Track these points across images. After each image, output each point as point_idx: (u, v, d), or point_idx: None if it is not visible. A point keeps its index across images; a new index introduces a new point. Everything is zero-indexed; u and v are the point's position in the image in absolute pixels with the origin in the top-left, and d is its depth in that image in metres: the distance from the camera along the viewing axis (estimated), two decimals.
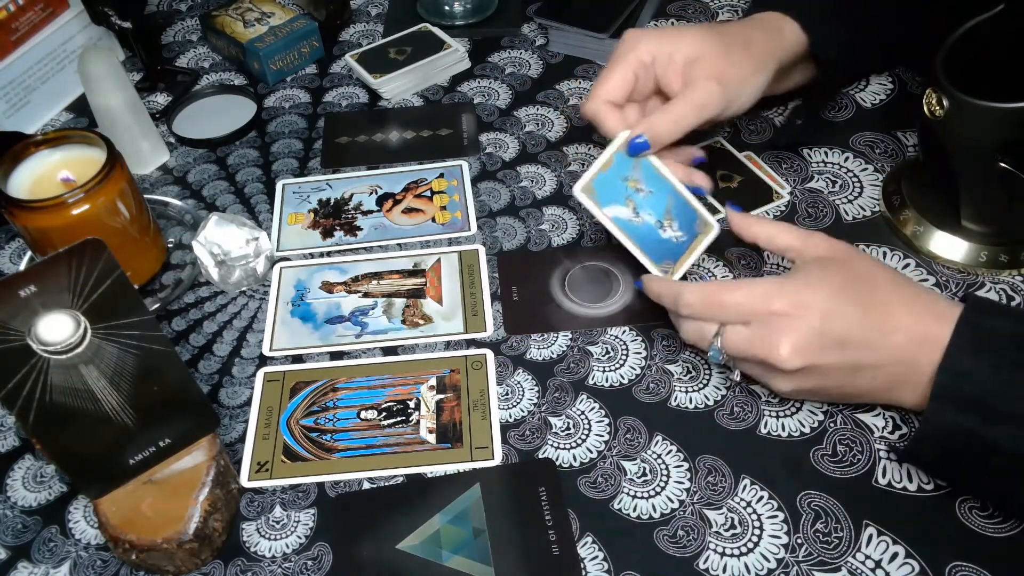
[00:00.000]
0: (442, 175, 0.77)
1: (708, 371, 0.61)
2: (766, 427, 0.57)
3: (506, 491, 0.55)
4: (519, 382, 0.61)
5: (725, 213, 0.62)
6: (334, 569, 0.53)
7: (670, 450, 0.57)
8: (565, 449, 0.57)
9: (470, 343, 0.64)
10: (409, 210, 0.74)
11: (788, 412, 0.58)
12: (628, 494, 0.55)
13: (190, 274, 0.71)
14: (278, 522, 0.55)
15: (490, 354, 0.63)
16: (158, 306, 0.68)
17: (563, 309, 0.66)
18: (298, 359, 0.64)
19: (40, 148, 0.66)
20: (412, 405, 0.60)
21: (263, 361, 0.64)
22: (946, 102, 0.58)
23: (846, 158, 0.74)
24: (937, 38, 0.60)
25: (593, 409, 0.59)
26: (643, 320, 0.64)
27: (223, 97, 0.88)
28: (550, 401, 0.60)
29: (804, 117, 0.74)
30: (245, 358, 0.65)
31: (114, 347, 0.48)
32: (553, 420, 0.59)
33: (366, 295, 0.68)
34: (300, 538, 0.54)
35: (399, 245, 0.72)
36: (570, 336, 0.64)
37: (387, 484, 0.56)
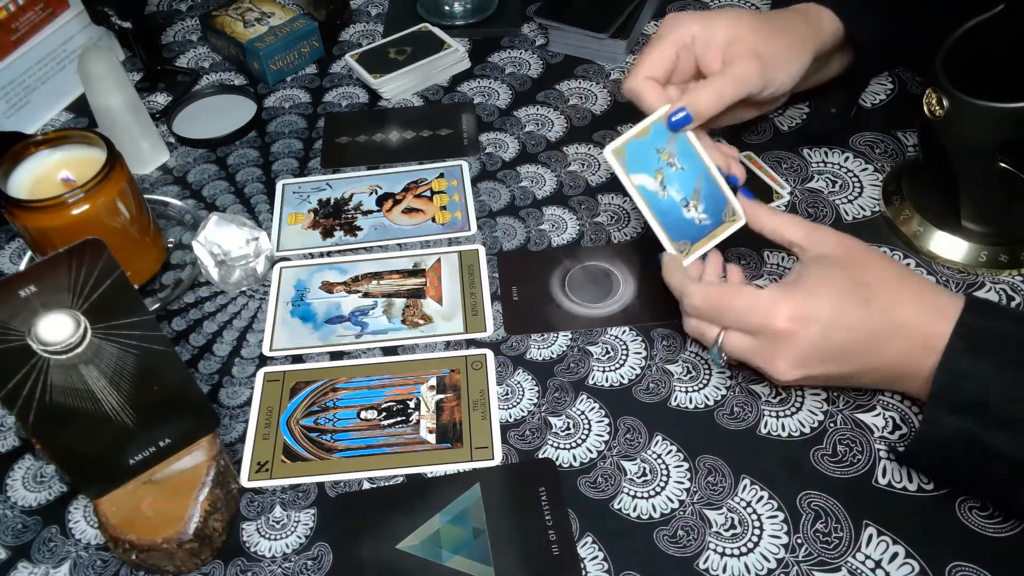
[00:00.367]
0: (442, 175, 0.77)
1: (708, 371, 0.61)
2: (766, 427, 0.57)
3: (506, 491, 0.55)
4: (519, 382, 0.61)
5: (736, 198, 0.62)
6: (334, 569, 0.53)
7: (670, 450, 0.57)
8: (565, 449, 0.57)
9: (470, 343, 0.64)
10: (409, 210, 0.74)
11: (788, 412, 0.58)
12: (628, 494, 0.55)
13: (190, 274, 0.71)
14: (278, 522, 0.55)
15: (490, 354, 0.63)
16: (158, 306, 0.68)
17: (563, 309, 0.66)
18: (298, 359, 0.64)
19: (40, 148, 0.66)
20: (412, 405, 0.60)
21: (263, 361, 0.64)
22: (946, 102, 0.58)
23: (846, 158, 0.74)
24: (937, 38, 0.60)
25: (593, 409, 0.59)
26: (643, 320, 0.64)
27: (223, 97, 0.88)
28: (550, 401, 0.60)
29: (838, 106, 0.75)
30: (245, 358, 0.65)
31: (114, 347, 0.48)
32: (553, 420, 0.59)
33: (366, 295, 0.68)
34: (300, 538, 0.54)
35: (399, 245, 0.72)
36: (570, 336, 0.64)
37: (387, 484, 0.56)
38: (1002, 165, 0.66)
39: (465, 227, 0.72)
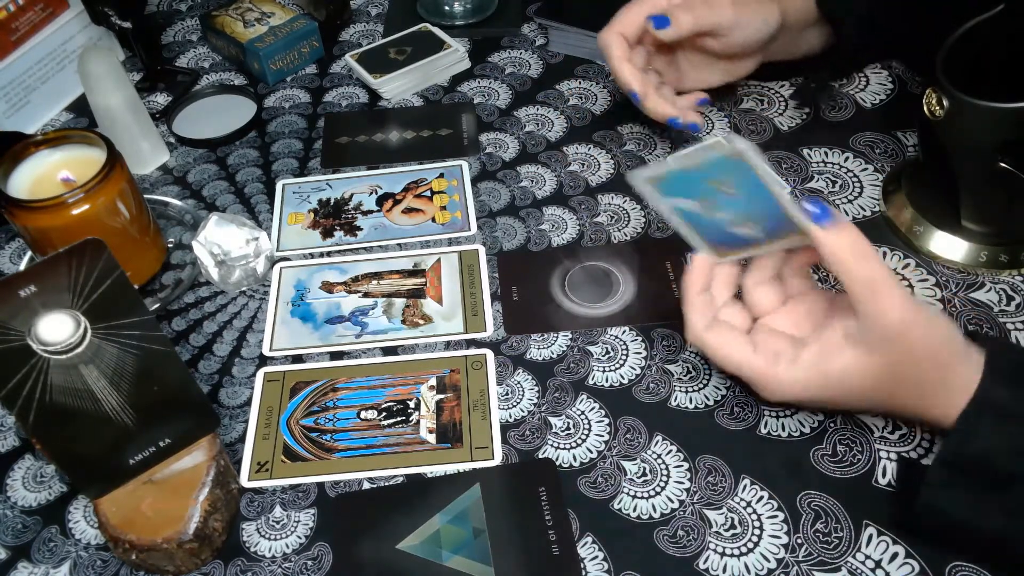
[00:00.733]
0: (442, 175, 0.77)
1: (708, 371, 0.61)
2: (766, 427, 0.57)
3: (506, 491, 0.55)
4: (519, 382, 0.61)
5: (809, 213, 0.49)
6: (334, 569, 0.53)
7: (670, 450, 0.57)
8: (565, 449, 0.57)
9: (470, 343, 0.64)
10: (409, 210, 0.74)
11: (788, 412, 0.58)
12: (628, 494, 0.55)
13: (190, 274, 0.71)
14: (278, 522, 0.55)
15: (490, 354, 0.63)
16: (158, 306, 0.68)
17: (563, 309, 0.66)
18: (298, 359, 0.64)
19: (40, 148, 0.66)
20: (412, 405, 0.60)
21: (263, 361, 0.64)
22: (946, 102, 0.58)
23: (846, 158, 0.74)
24: (937, 38, 0.60)
25: (593, 409, 0.59)
26: (643, 320, 0.64)
27: (223, 97, 0.88)
28: (550, 401, 0.60)
29: (816, 82, 0.75)
30: (245, 358, 0.65)
31: (114, 347, 0.48)
32: (553, 420, 0.59)
33: (366, 295, 0.68)
34: (300, 538, 0.54)
35: (399, 245, 0.72)
36: (570, 336, 0.64)
37: (387, 484, 0.56)
38: (1002, 165, 0.66)
39: (465, 227, 0.72)
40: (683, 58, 0.74)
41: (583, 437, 0.58)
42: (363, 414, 0.60)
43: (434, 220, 0.73)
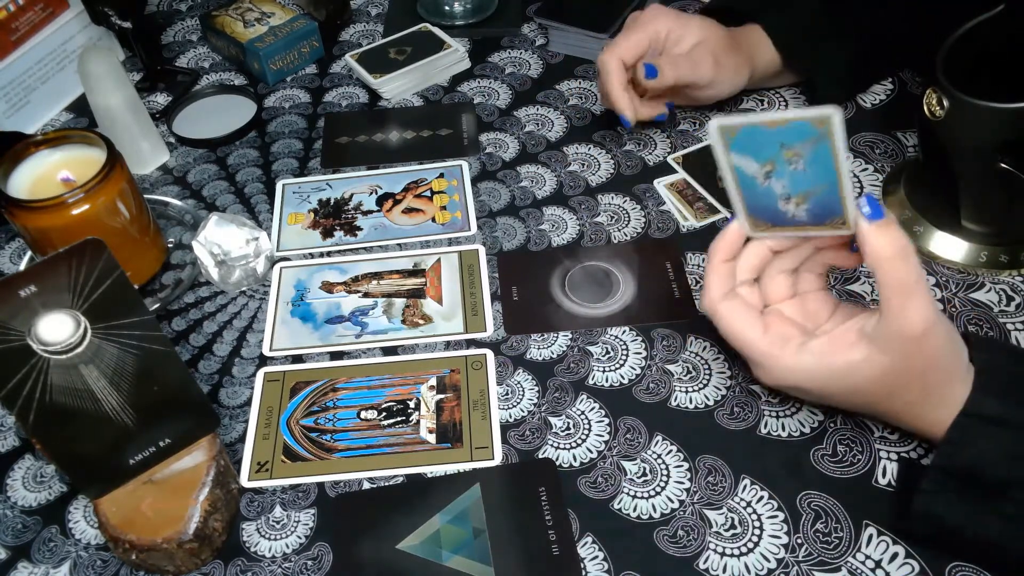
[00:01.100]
0: (442, 175, 0.77)
1: (708, 371, 0.61)
2: (766, 427, 0.57)
3: (506, 491, 0.55)
4: (519, 382, 0.61)
5: (857, 208, 0.49)
6: (334, 569, 0.53)
7: (670, 450, 0.57)
8: (565, 449, 0.57)
9: (470, 343, 0.64)
10: (409, 210, 0.74)
11: (788, 412, 0.58)
12: (628, 494, 0.55)
13: (190, 274, 0.71)
14: (278, 522, 0.55)
15: (490, 354, 0.63)
16: (158, 306, 0.68)
17: (563, 309, 0.66)
18: (298, 359, 0.64)
19: (40, 148, 0.66)
20: (412, 405, 0.60)
21: (263, 361, 0.64)
22: (946, 102, 0.58)
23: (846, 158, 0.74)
24: (937, 38, 0.60)
25: (593, 409, 0.59)
26: (643, 320, 0.64)
27: (223, 97, 0.88)
28: (550, 401, 0.60)
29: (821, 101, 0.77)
30: (245, 358, 0.65)
31: (114, 347, 0.48)
32: (553, 420, 0.59)
33: (366, 295, 0.68)
34: (300, 538, 0.54)
35: (399, 245, 0.72)
36: (570, 336, 0.64)
37: (387, 484, 0.56)
38: (1002, 165, 0.66)
39: (465, 227, 0.72)
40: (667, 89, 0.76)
41: (583, 437, 0.58)
42: (363, 414, 0.60)
43: (434, 220, 0.73)
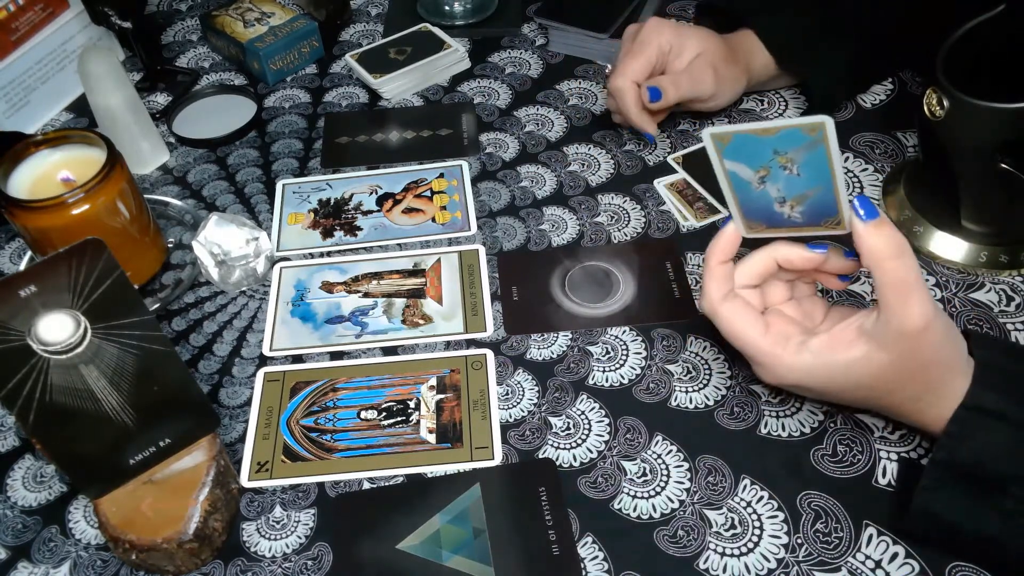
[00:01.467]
0: (442, 175, 0.77)
1: (708, 371, 0.61)
2: (766, 427, 0.57)
3: (506, 491, 0.55)
4: (519, 382, 0.61)
5: (851, 209, 0.50)
6: (334, 569, 0.53)
7: (670, 450, 0.57)
8: (565, 449, 0.57)
9: (470, 343, 0.64)
10: (409, 210, 0.74)
11: (788, 412, 0.58)
12: (628, 494, 0.55)
13: (190, 274, 0.71)
14: (278, 522, 0.55)
15: (490, 354, 0.63)
16: (158, 306, 0.68)
17: (563, 309, 0.66)
18: (298, 359, 0.64)
19: (40, 148, 0.66)
20: (412, 405, 0.60)
21: (263, 361, 0.64)
22: (946, 102, 0.58)
23: (846, 158, 0.74)
24: (937, 38, 0.60)
25: (593, 409, 0.59)
26: (643, 320, 0.64)
27: (223, 97, 0.88)
28: (550, 401, 0.60)
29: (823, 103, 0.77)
30: (245, 358, 0.65)
31: (114, 347, 0.48)
32: (553, 420, 0.59)
33: (366, 295, 0.68)
34: (300, 538, 0.54)
35: (399, 245, 0.72)
36: (570, 336, 0.64)
37: (387, 484, 0.56)
38: (1002, 165, 0.66)
39: (465, 227, 0.72)
40: None
41: (583, 437, 0.58)
42: (363, 414, 0.60)
43: (434, 220, 0.73)
